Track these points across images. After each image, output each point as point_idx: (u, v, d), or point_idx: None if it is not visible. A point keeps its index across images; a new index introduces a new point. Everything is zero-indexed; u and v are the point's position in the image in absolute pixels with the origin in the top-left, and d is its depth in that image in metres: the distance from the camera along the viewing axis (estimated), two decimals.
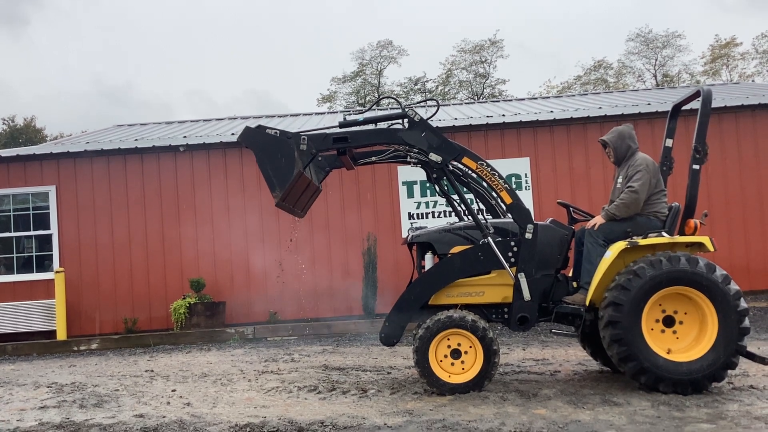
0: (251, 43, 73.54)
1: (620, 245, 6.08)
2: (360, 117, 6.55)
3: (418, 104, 8.22)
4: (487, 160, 6.48)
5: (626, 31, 63.08)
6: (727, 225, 12.67)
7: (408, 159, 6.57)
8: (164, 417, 5.75)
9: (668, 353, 5.85)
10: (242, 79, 72.16)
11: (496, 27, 72.85)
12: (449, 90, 44.87)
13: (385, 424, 5.20)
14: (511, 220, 6.45)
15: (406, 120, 6.47)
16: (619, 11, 61.18)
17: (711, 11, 60.97)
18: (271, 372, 7.89)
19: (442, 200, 12.67)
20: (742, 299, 5.80)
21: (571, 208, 7.06)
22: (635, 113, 12.89)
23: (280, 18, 71.49)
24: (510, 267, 6.35)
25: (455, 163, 6.44)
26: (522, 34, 64.95)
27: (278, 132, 6.32)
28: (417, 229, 6.97)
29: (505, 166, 12.66)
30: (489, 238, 6.34)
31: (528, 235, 6.31)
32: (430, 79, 44.97)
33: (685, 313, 5.97)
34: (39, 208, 13.06)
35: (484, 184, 6.56)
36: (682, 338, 5.95)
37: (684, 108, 7.05)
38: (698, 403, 5.41)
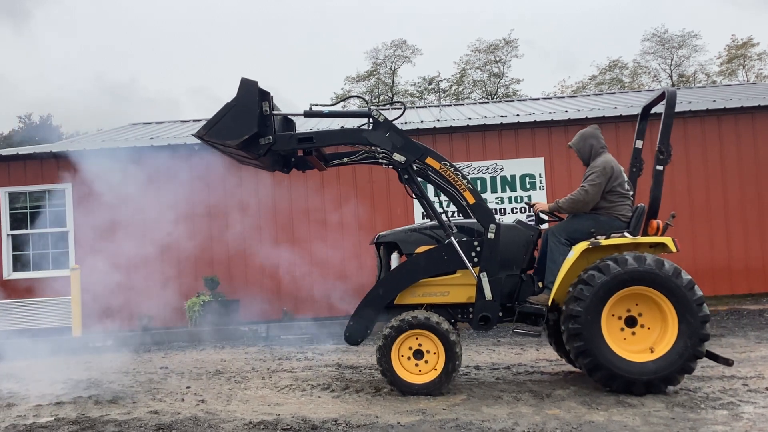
0: (257, 39, 73.39)
1: (582, 245, 6.14)
2: (325, 110, 6.55)
3: (384, 106, 7.98)
4: (501, 160, 6.50)
5: (642, 30, 62.73)
6: (743, 226, 12.57)
7: (380, 160, 6.59)
8: (179, 413, 5.79)
9: (648, 353, 5.89)
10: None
11: (509, 23, 72.57)
12: (463, 89, 44.81)
13: (399, 422, 5.21)
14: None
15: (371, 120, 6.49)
16: (635, 10, 60.76)
17: (727, 10, 60.51)
18: (285, 370, 7.92)
19: None
20: (695, 288, 5.83)
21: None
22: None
23: (288, 14, 71.28)
24: (474, 267, 6.37)
25: (420, 163, 6.46)
26: (536, 32, 64.74)
27: (267, 111, 6.21)
28: None
29: (519, 166, 12.64)
30: (452, 237, 6.38)
31: (490, 235, 6.33)
32: (444, 79, 44.97)
33: (639, 306, 6.01)
34: (55, 206, 13.17)
35: (442, 182, 6.57)
36: (647, 337, 5.99)
37: (698, 109, 7.03)
38: (713, 404, 5.38)
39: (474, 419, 5.23)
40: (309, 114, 6.51)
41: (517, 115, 13.94)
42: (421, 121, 14.01)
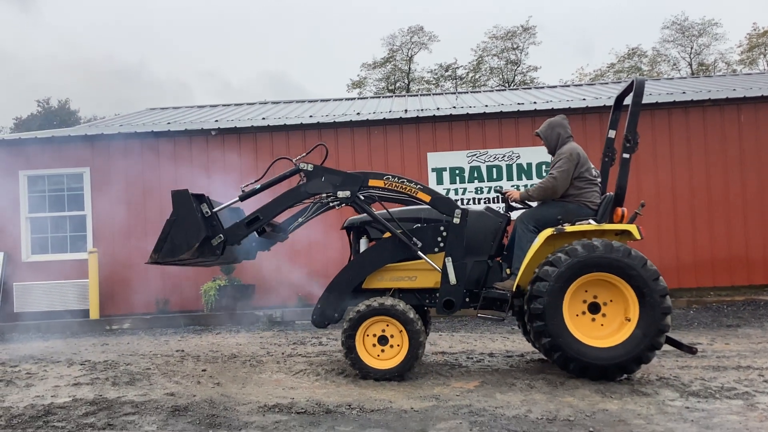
0: (272, 25, 73.08)
1: (547, 232, 6.15)
2: (258, 186, 6.65)
3: (305, 156, 7.46)
4: (517, 148, 6.49)
5: (662, 17, 61.99)
6: (761, 216, 12.47)
7: (330, 204, 6.64)
8: (194, 396, 5.84)
9: (626, 323, 5.89)
10: (259, 60, 71.68)
11: (528, 10, 71.89)
12: (480, 77, 44.57)
13: (412, 408, 5.23)
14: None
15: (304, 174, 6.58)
16: None
17: None
18: (300, 355, 7.97)
19: (472, 187, 12.64)
20: (660, 279, 5.81)
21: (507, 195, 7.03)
22: (670, 101, 12.71)
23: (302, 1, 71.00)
24: (440, 252, 6.44)
25: (365, 188, 6.52)
26: (555, 19, 64.14)
27: (208, 213, 6.34)
28: None
29: (535, 154, 12.58)
30: (419, 251, 6.42)
31: (456, 220, 6.37)
32: (461, 66, 44.71)
33: (593, 291, 6.01)
34: (73, 189, 13.28)
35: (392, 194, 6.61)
36: (617, 312, 5.98)
37: (718, 98, 6.96)
38: (728, 394, 5.36)
39: (487, 405, 5.24)
40: (244, 197, 6.65)
41: (534, 102, 13.87)
42: (438, 108, 13.96)
